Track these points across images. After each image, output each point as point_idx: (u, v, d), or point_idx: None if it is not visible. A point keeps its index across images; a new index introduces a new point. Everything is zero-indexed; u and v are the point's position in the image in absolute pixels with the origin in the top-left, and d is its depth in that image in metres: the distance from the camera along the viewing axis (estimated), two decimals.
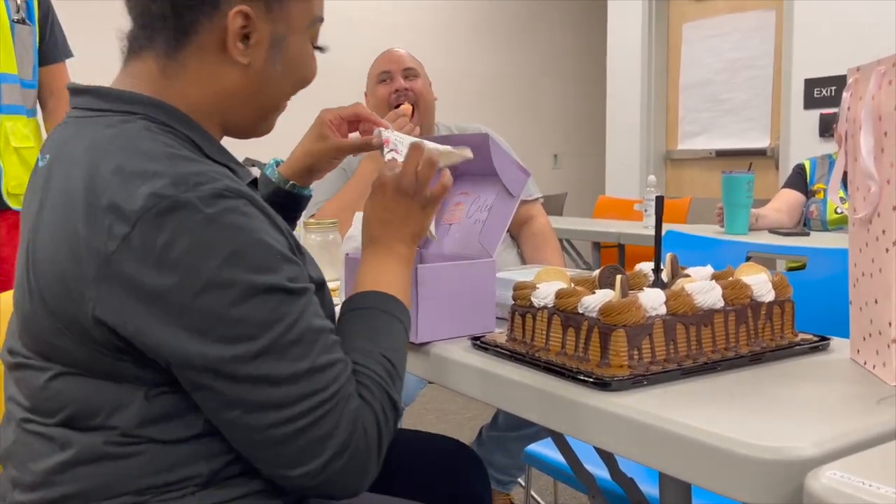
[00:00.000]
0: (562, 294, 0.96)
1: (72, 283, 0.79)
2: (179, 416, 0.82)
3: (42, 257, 0.82)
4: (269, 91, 0.94)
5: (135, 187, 0.77)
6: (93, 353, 0.81)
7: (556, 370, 0.91)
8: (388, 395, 0.86)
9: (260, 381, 0.78)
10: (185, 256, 0.76)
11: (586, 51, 6.13)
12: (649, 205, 3.01)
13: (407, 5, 5.34)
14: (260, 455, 0.82)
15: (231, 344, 0.77)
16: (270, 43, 0.90)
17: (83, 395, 0.82)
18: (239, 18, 0.87)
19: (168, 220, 0.76)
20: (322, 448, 0.80)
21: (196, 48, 0.88)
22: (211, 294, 0.76)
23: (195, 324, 0.77)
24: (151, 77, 0.89)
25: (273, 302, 0.79)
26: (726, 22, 4.51)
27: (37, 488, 0.84)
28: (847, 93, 0.94)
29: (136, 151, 0.81)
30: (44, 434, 0.85)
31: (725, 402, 0.81)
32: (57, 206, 0.82)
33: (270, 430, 0.79)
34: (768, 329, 1.00)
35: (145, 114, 0.86)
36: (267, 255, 0.80)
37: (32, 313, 0.84)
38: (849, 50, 3.72)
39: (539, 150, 6.02)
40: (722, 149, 4.58)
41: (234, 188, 0.80)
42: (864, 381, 0.89)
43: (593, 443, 0.86)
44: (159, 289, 0.76)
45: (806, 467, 0.65)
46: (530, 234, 2.17)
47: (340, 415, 0.81)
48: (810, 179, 2.89)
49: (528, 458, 1.68)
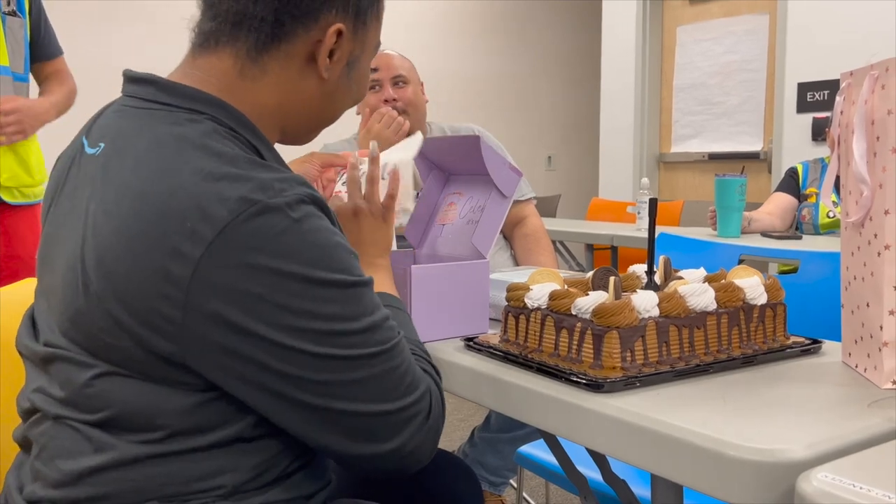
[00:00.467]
0: (555, 295, 0.96)
1: (152, 289, 0.77)
2: (219, 424, 0.82)
3: (107, 255, 0.79)
4: (335, 104, 0.98)
5: (220, 189, 0.76)
6: (148, 356, 0.79)
7: (550, 371, 0.91)
8: (434, 368, 0.94)
9: (362, 362, 0.82)
10: (277, 260, 0.76)
11: (580, 53, 6.14)
12: (642, 207, 3.02)
13: (402, 6, 5.34)
14: (355, 437, 0.84)
15: (335, 337, 0.80)
16: (348, 61, 0.94)
17: (128, 398, 0.81)
18: (335, 35, 0.90)
19: (258, 225, 0.76)
20: (413, 416, 0.86)
21: (283, 55, 0.89)
22: (308, 295, 0.78)
23: (297, 324, 0.78)
24: (226, 75, 0.89)
25: (358, 295, 0.82)
26: (720, 25, 4.53)
27: (61, 486, 0.83)
28: (840, 97, 0.95)
29: (213, 153, 0.80)
30: (80, 432, 0.83)
31: (718, 404, 0.82)
32: (123, 204, 0.80)
33: (378, 405, 0.83)
34: (761, 332, 1.01)
35: (212, 115, 0.86)
36: (344, 254, 0.82)
37: (88, 310, 0.81)
38: (842, 54, 3.74)
39: (533, 152, 6.02)
40: (715, 152, 4.60)
41: (311, 194, 0.81)
42: (855, 384, 0.89)
43: (586, 444, 0.86)
44: (255, 294, 0.76)
45: (797, 469, 0.65)
46: (522, 235, 2.17)
47: (420, 382, 0.87)
48: (803, 183, 2.90)
49: (520, 459, 1.68)
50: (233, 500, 0.83)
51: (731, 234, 2.50)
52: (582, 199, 5.45)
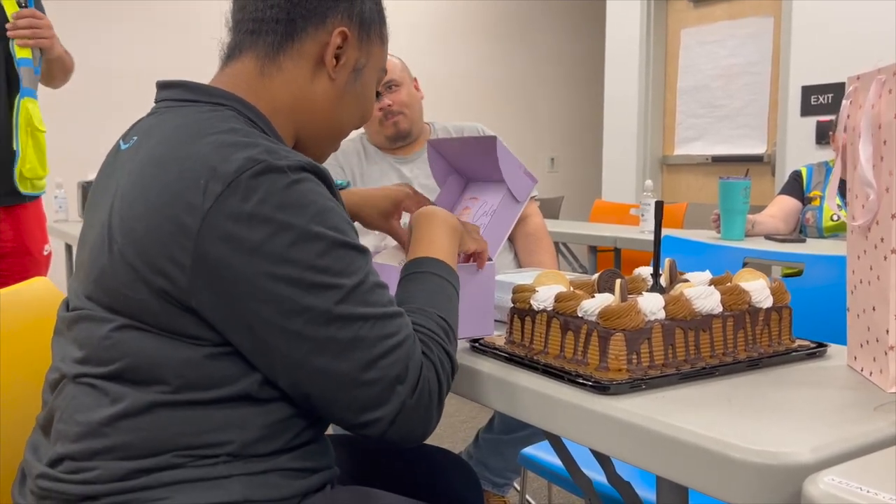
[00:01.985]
0: (561, 297, 0.96)
1: (167, 239, 0.84)
2: (227, 379, 0.87)
3: (130, 216, 0.87)
4: (342, 110, 1.05)
5: (230, 153, 0.85)
6: (164, 306, 0.85)
7: (555, 373, 0.91)
8: (444, 350, 0.93)
9: (348, 322, 0.85)
10: (277, 212, 0.83)
11: (584, 55, 6.14)
12: (646, 209, 3.02)
13: (405, 8, 5.35)
14: (339, 399, 0.86)
15: (322, 290, 0.84)
16: (354, 67, 1.03)
17: (142, 349, 0.87)
18: (339, 37, 1.00)
19: (261, 181, 0.83)
20: (394, 392, 0.86)
21: (296, 53, 0.99)
22: (302, 246, 0.83)
23: (289, 272, 0.83)
24: (249, 75, 0.99)
25: (350, 256, 0.87)
26: (724, 28, 4.53)
27: (80, 439, 0.87)
28: (847, 101, 0.95)
29: (229, 129, 0.89)
30: (96, 386, 0.88)
31: (723, 406, 0.82)
32: (144, 173, 0.89)
33: (355, 371, 0.85)
34: (766, 335, 1.01)
35: (232, 106, 0.95)
36: (340, 219, 0.88)
37: (111, 267, 0.88)
38: (846, 57, 3.74)
39: (536, 154, 6.03)
40: (718, 154, 4.60)
41: (315, 166, 0.89)
42: (861, 388, 0.89)
43: (591, 446, 0.86)
44: (254, 242, 0.82)
45: (803, 473, 0.65)
46: (524, 235, 2.18)
47: (409, 360, 0.87)
48: (807, 186, 2.90)
49: (523, 460, 1.68)
50: (241, 460, 0.87)
51: (735, 237, 2.50)
52: (585, 201, 5.45)
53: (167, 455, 0.85)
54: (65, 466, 0.87)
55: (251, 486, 0.87)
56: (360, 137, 2.24)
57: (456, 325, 0.99)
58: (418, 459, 1.32)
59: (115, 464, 0.85)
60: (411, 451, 1.35)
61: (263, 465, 0.88)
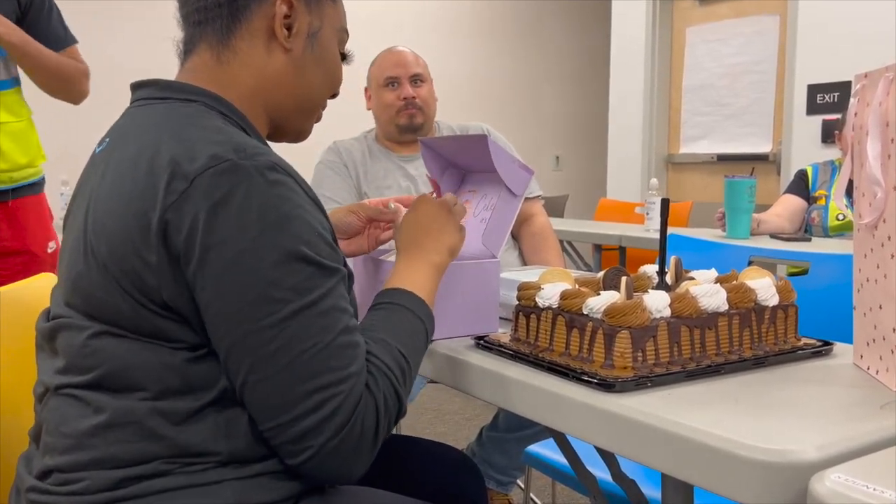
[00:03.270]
0: (566, 295, 0.96)
1: (135, 235, 0.83)
2: (207, 384, 0.86)
3: (101, 216, 0.87)
4: (306, 78, 1.02)
5: (195, 150, 0.84)
6: (138, 309, 0.85)
7: (560, 371, 0.91)
8: (394, 390, 0.89)
9: (286, 346, 0.82)
10: (236, 215, 0.81)
11: (589, 53, 6.13)
12: (651, 208, 3.01)
13: (411, 7, 5.34)
14: (269, 425, 0.84)
15: (267, 303, 0.82)
16: (308, 33, 1.01)
17: (119, 355, 0.86)
18: (284, 6, 0.98)
19: (224, 180, 0.82)
20: (322, 429, 0.82)
21: (246, 33, 0.98)
22: (253, 254, 0.82)
23: (238, 279, 0.82)
24: (208, 67, 0.98)
25: (307, 272, 0.84)
26: (730, 26, 4.52)
27: (67, 451, 0.86)
28: (854, 99, 0.95)
29: (197, 125, 0.89)
30: (77, 397, 0.88)
31: (729, 404, 0.82)
32: (118, 171, 0.89)
33: (284, 401, 0.82)
34: (772, 333, 1.01)
35: (203, 101, 0.95)
36: (307, 229, 0.85)
37: (86, 271, 0.88)
38: (852, 56, 3.72)
39: (540, 152, 6.02)
40: (723, 153, 4.59)
41: (285, 166, 0.87)
42: (867, 386, 0.89)
43: (596, 443, 0.86)
44: (210, 242, 0.81)
45: (809, 471, 0.65)
46: (530, 234, 2.18)
47: (345, 398, 0.83)
48: (812, 185, 2.89)
49: (528, 458, 1.68)
50: (231, 465, 0.86)
51: (741, 236, 2.49)
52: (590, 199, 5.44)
53: (155, 462, 0.84)
54: (53, 479, 0.87)
55: (243, 490, 0.85)
56: (366, 136, 2.24)
57: (417, 366, 0.95)
58: (422, 456, 1.32)
59: (102, 473, 0.84)
60: (415, 448, 1.35)
61: (254, 469, 0.87)
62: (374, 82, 2.19)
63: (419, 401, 3.29)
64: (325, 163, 2.15)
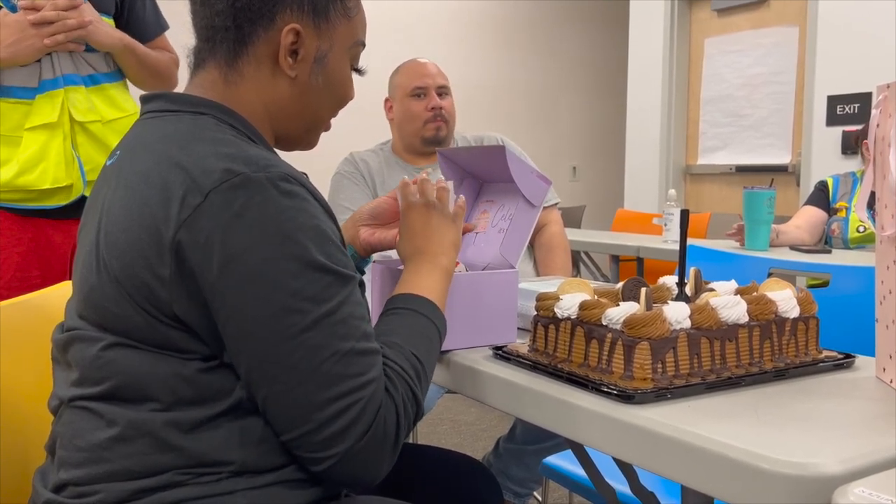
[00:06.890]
0: (586, 306, 0.96)
1: (147, 250, 0.84)
2: (220, 394, 0.86)
3: (113, 230, 0.88)
4: (312, 104, 1.02)
5: (209, 164, 0.84)
6: (150, 321, 0.85)
7: (579, 381, 0.91)
8: (411, 392, 0.90)
9: (311, 352, 0.82)
10: (252, 228, 0.82)
11: (606, 63, 6.13)
12: (669, 219, 3.00)
13: (426, 15, 5.37)
14: (294, 434, 0.84)
15: (288, 314, 0.82)
16: (315, 58, 0.99)
17: (132, 366, 0.86)
18: (290, 35, 0.96)
19: (239, 194, 0.82)
20: (346, 435, 0.83)
21: (253, 58, 0.97)
22: (273, 265, 0.82)
23: (258, 292, 0.82)
24: (216, 84, 0.98)
25: (326, 281, 0.84)
26: (748, 37, 4.50)
27: (82, 465, 0.87)
28: (876, 110, 0.94)
29: (208, 138, 0.89)
30: (90, 409, 0.88)
31: (750, 417, 0.81)
32: (129, 185, 0.89)
33: (309, 407, 0.83)
34: (793, 345, 1.00)
35: (212, 113, 0.94)
36: (323, 238, 0.86)
37: (98, 284, 0.88)
38: (872, 67, 3.70)
39: (557, 162, 6.02)
40: (742, 164, 4.56)
41: (298, 177, 0.87)
42: (889, 400, 0.88)
43: (615, 455, 0.85)
44: (226, 256, 0.81)
45: (831, 484, 0.64)
46: (541, 243, 2.21)
47: (367, 403, 0.84)
48: (832, 197, 2.87)
49: (545, 470, 1.67)
50: (245, 475, 0.86)
51: (760, 247, 2.48)
52: (607, 210, 5.43)
53: (169, 473, 0.84)
54: (68, 492, 0.87)
55: (256, 500, 0.86)
56: (382, 148, 2.25)
57: (431, 369, 0.96)
58: (439, 465, 1.31)
59: (117, 486, 0.85)
60: (432, 456, 1.34)
61: (268, 478, 0.87)
62: (398, 92, 2.20)
63: (435, 412, 3.28)
64: (343, 173, 2.17)
